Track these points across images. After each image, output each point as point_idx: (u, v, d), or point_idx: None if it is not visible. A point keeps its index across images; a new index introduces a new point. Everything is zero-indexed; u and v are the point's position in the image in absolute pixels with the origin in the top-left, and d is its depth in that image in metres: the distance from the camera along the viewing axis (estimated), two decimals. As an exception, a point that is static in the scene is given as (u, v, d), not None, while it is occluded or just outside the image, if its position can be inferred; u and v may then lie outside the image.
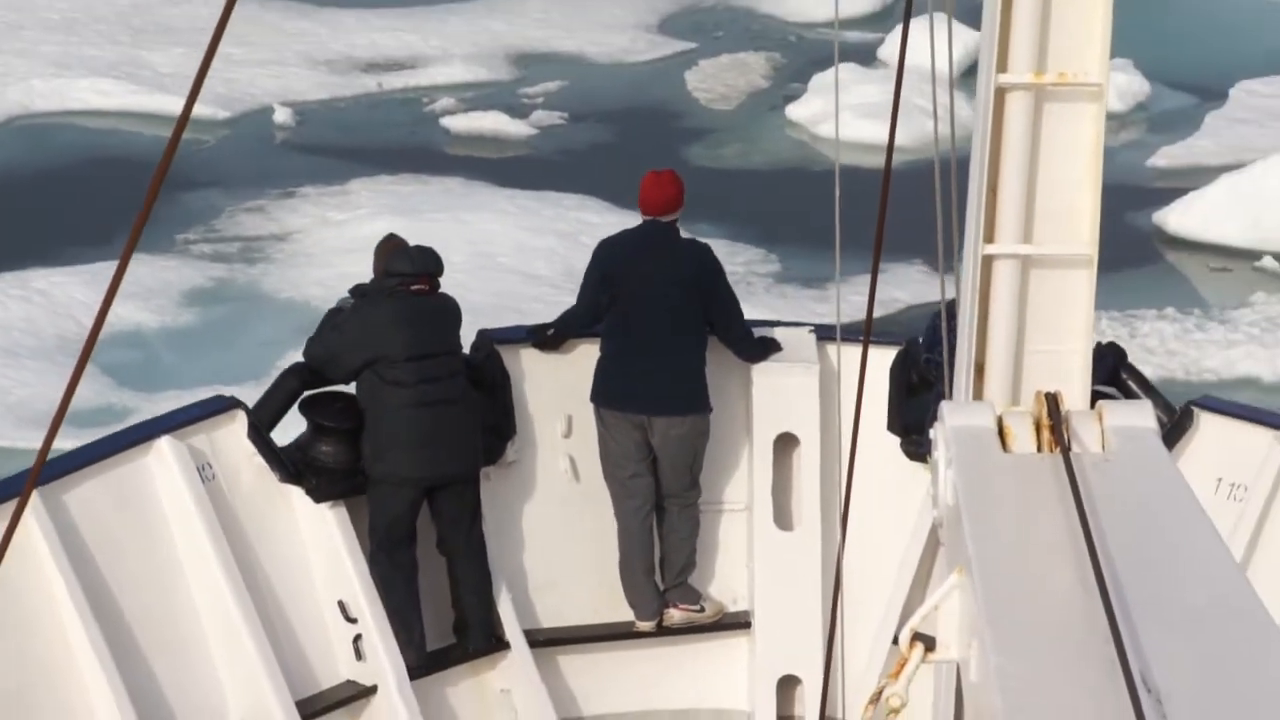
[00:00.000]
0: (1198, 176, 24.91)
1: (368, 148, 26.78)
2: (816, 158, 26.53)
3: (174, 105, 26.61)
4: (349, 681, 11.68)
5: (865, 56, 29.25)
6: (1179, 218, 23.20)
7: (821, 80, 28.10)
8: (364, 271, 12.24)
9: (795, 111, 27.79)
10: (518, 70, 28.99)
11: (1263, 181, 22.94)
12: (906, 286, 21.65)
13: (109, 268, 21.43)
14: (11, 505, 9.31)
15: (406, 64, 29.03)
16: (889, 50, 29.42)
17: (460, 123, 27.02)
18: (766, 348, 12.36)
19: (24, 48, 28.85)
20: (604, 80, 29.26)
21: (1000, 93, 6.60)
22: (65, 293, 21.16)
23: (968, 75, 25.67)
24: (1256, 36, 30.05)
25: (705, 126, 27.31)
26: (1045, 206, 6.71)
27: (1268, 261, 22.19)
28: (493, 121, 27.18)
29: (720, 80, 28.13)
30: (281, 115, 26.83)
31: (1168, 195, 23.86)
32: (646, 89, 29.11)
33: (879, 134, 25.13)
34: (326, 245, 22.77)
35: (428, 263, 11.78)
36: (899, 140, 21.09)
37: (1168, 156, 25.62)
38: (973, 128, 6.91)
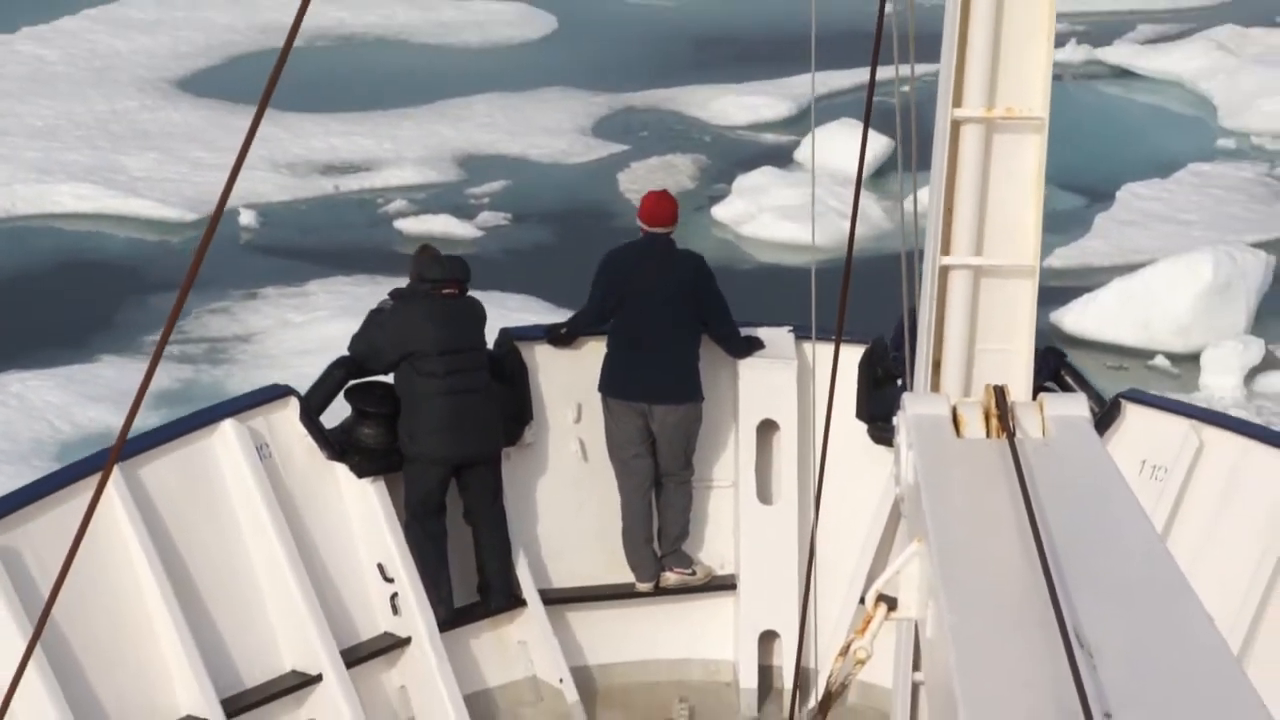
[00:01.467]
0: (1090, 276, 24.33)
1: (325, 249, 25.88)
2: (742, 257, 25.85)
3: (146, 208, 26.19)
4: (386, 633, 12.04)
5: (782, 159, 28.38)
6: (1076, 318, 22.72)
7: (744, 182, 27.58)
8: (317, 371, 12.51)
9: (720, 212, 27.38)
10: (464, 172, 28.15)
11: (1151, 284, 22.38)
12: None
13: (82, 370, 20.66)
14: (96, 479, 9.47)
15: (362, 167, 28.10)
16: (805, 153, 28.59)
17: (412, 225, 26.21)
18: (751, 345, 12.76)
19: (8, 153, 27.92)
20: (544, 181, 28.50)
21: (956, 125, 6.77)
22: (40, 396, 20.28)
23: (875, 175, 24.23)
24: (1140, 140, 29.28)
25: (637, 227, 26.12)
26: (994, 224, 6.85)
27: (1160, 360, 21.74)
28: (442, 224, 26.38)
29: (650, 182, 27.17)
30: (246, 217, 25.90)
31: (1063, 295, 23.23)
32: (583, 190, 28.35)
33: (799, 234, 24.23)
34: (286, 347, 21.96)
35: (456, 269, 12.20)
36: (816, 240, 19.69)
37: (1062, 257, 25.10)
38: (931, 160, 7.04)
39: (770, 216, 26.27)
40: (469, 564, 12.27)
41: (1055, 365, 12.08)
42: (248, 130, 6.56)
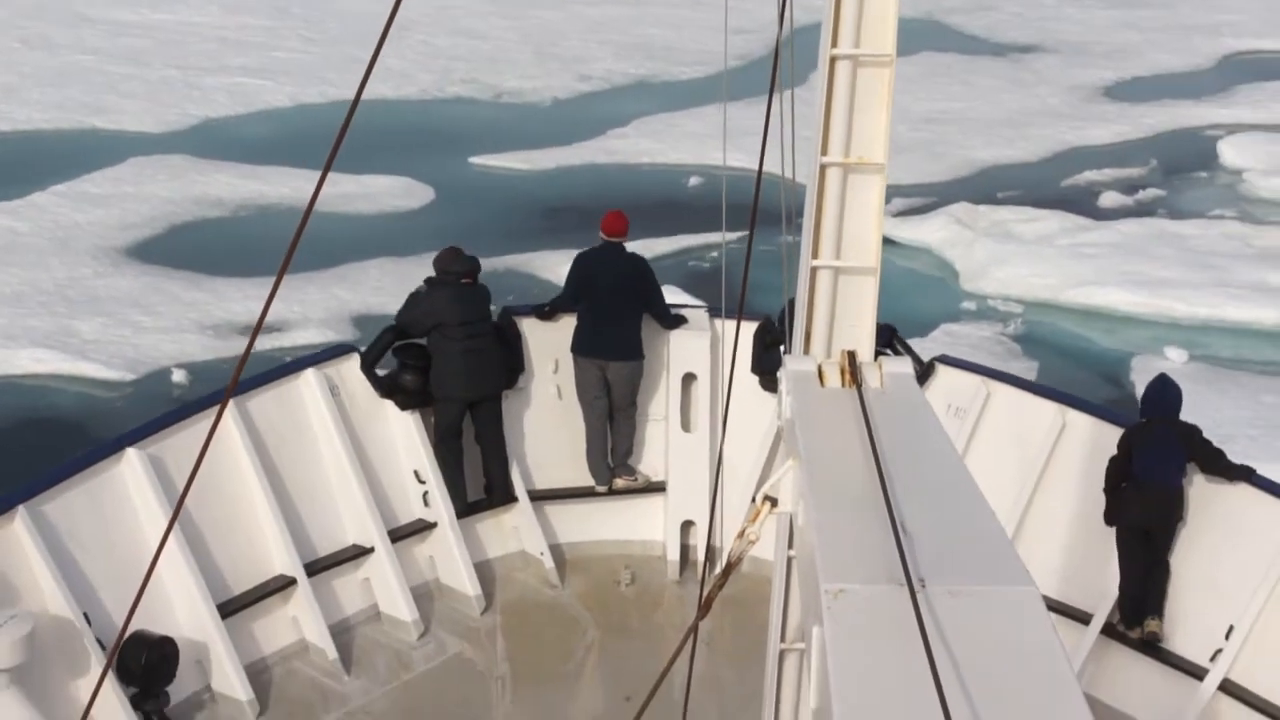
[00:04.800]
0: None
1: (243, 407, 23.66)
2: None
3: (92, 370, 24.28)
4: (419, 519, 13.04)
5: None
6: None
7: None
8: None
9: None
10: (359, 331, 26.18)
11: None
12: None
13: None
14: (215, 409, 10.81)
15: (274, 327, 26.05)
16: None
17: (315, 382, 24.05)
18: (678, 320, 13.96)
19: (-21, 321, 25.59)
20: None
21: (823, 168, 7.54)
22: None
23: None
24: (901, 301, 27.75)
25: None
26: (849, 238, 7.57)
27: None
28: (341, 383, 24.18)
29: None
30: (178, 376, 23.82)
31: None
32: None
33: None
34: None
35: (471, 265, 13.14)
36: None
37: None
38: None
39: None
40: (478, 471, 13.37)
41: (889, 337, 12.75)
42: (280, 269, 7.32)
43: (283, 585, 12.01)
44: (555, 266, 29.25)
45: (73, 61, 42.55)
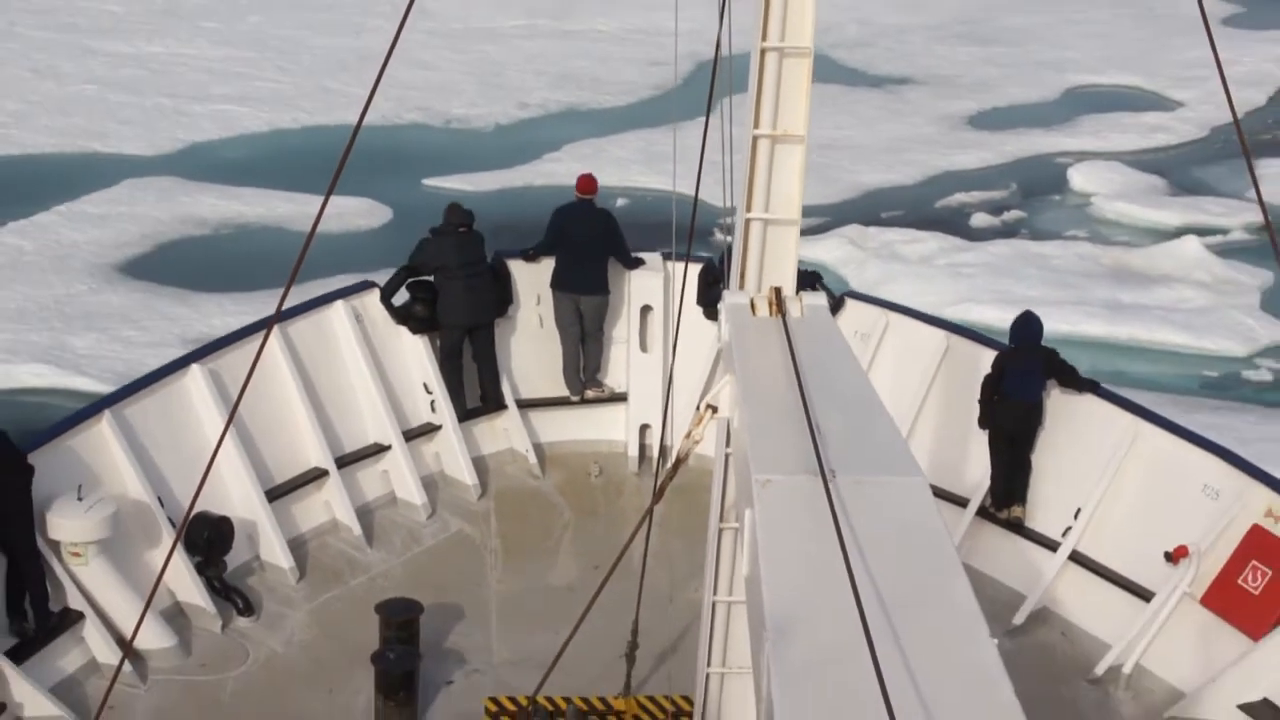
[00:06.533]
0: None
1: (221, 417, 21.94)
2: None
3: (85, 384, 23.13)
4: (427, 423, 13.50)
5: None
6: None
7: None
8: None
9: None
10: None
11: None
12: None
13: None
14: (261, 334, 11.59)
15: (251, 338, 24.21)
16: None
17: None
18: (638, 262, 14.44)
19: (-15, 337, 23.90)
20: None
21: (755, 139, 7.78)
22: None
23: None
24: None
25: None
26: (776, 195, 7.84)
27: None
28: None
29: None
30: (162, 390, 21.90)
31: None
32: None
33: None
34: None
35: (468, 218, 13.57)
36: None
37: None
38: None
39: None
40: (475, 384, 13.95)
41: (812, 281, 12.89)
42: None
43: (317, 475, 12.68)
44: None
45: (78, 90, 41.05)
